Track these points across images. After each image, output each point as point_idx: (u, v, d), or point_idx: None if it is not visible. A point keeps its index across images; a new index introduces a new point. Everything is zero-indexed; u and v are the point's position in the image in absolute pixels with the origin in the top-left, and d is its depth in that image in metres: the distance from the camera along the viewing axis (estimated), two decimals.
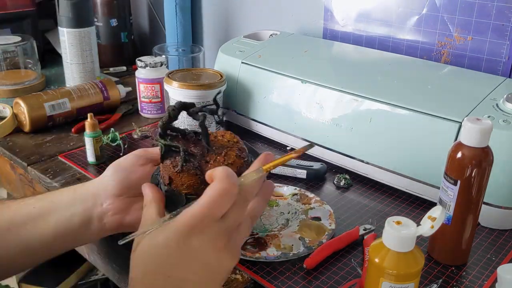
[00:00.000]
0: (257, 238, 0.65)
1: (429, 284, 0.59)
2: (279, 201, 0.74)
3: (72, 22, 1.12)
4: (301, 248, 0.63)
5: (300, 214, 0.71)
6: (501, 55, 0.87)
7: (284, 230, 0.67)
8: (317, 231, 0.67)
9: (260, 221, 0.69)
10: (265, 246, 0.63)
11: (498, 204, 0.68)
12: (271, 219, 0.70)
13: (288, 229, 0.68)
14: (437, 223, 0.50)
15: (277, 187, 0.77)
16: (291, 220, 0.70)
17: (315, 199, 0.75)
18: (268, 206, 0.73)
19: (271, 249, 0.63)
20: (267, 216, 0.70)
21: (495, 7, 0.85)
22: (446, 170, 0.60)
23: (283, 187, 0.78)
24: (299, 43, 1.03)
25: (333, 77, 0.87)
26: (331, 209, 0.72)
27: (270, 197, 0.55)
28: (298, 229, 0.67)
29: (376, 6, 1.01)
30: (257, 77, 0.95)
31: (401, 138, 0.76)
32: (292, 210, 0.72)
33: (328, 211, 0.72)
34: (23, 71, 1.24)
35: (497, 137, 0.61)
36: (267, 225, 0.69)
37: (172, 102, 0.94)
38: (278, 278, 0.60)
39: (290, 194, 0.76)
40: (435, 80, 0.83)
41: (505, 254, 0.65)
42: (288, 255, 0.62)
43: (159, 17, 1.48)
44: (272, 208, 0.73)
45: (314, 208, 0.72)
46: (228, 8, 1.32)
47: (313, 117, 0.86)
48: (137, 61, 1.04)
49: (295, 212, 0.72)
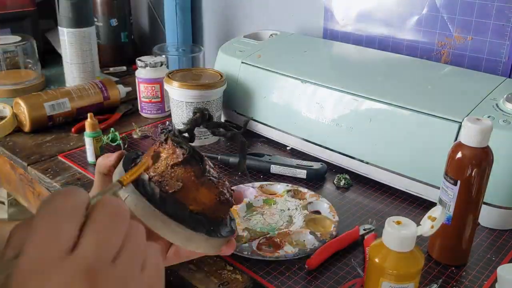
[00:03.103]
0: (269, 237, 0.65)
1: (429, 284, 0.59)
2: (276, 199, 0.75)
3: (72, 22, 1.12)
4: (316, 242, 0.64)
5: (301, 209, 0.71)
6: (501, 55, 0.87)
7: (291, 226, 0.68)
8: (323, 224, 0.69)
9: (265, 221, 0.69)
10: (280, 245, 0.64)
11: (498, 204, 0.68)
12: (274, 217, 0.71)
13: (295, 226, 0.68)
14: (437, 223, 0.50)
15: (269, 185, 0.78)
16: (294, 216, 0.71)
17: (310, 193, 0.75)
18: (267, 205, 0.73)
19: (287, 247, 0.63)
20: (270, 215, 0.71)
21: (495, 7, 0.85)
22: (446, 170, 0.60)
23: (276, 185, 0.78)
24: (299, 43, 1.03)
25: (333, 77, 0.87)
26: (328, 202, 0.73)
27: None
28: (305, 224, 0.68)
29: (376, 6, 1.01)
30: (257, 77, 0.95)
31: (401, 138, 0.76)
32: (292, 207, 0.73)
33: (327, 204, 0.72)
34: (23, 71, 1.24)
35: (497, 137, 0.61)
36: (272, 223, 0.69)
37: (172, 101, 0.94)
38: (278, 278, 0.60)
39: (284, 191, 0.76)
40: (435, 80, 0.83)
41: (505, 254, 0.65)
42: (306, 250, 0.63)
43: (159, 17, 1.48)
44: (271, 206, 0.73)
45: (312, 203, 0.73)
46: (228, 8, 1.32)
47: (313, 117, 0.86)
48: (137, 61, 1.04)
49: (295, 208, 0.72)
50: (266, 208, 0.73)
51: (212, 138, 0.95)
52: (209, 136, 0.94)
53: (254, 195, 0.75)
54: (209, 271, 0.61)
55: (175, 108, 0.93)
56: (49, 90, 1.03)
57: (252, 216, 0.70)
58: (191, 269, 0.61)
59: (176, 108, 0.93)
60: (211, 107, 0.92)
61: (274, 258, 0.61)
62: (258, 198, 0.74)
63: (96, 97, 1.06)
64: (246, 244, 0.63)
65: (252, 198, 0.74)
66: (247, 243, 0.63)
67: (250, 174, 0.84)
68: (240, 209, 0.71)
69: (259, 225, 0.68)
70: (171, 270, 0.61)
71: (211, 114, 0.48)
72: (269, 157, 0.85)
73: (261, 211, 0.72)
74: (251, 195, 0.75)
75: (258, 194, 0.75)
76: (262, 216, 0.71)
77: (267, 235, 0.66)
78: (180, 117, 0.93)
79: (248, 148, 0.94)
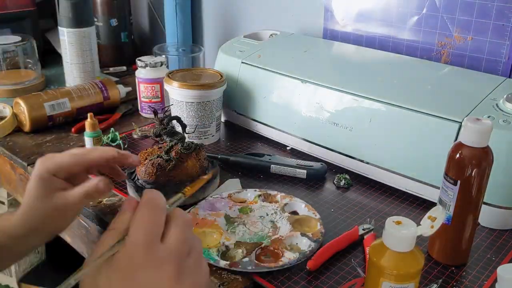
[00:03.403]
0: (264, 247, 0.64)
1: (429, 284, 0.59)
2: (251, 206, 0.73)
3: (72, 22, 1.12)
4: (312, 243, 0.63)
5: (280, 212, 0.71)
6: (501, 55, 0.87)
7: (278, 231, 0.67)
8: (308, 224, 0.68)
9: (250, 230, 0.68)
10: (278, 252, 0.63)
11: (498, 204, 0.68)
12: (257, 225, 0.69)
13: (282, 230, 0.67)
14: (437, 223, 0.50)
15: (237, 193, 0.76)
16: (276, 221, 0.70)
17: (280, 195, 0.75)
18: (244, 214, 0.71)
19: (288, 253, 0.62)
20: (251, 224, 0.69)
21: (495, 7, 0.85)
22: (446, 170, 0.60)
23: (245, 192, 0.76)
24: (299, 43, 1.03)
25: (333, 77, 0.87)
26: (303, 201, 0.73)
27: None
28: (292, 227, 0.67)
29: (376, 6, 1.01)
30: (257, 77, 0.95)
31: (401, 138, 0.76)
32: (269, 211, 0.71)
33: (303, 203, 0.72)
34: (23, 71, 1.24)
35: (497, 137, 0.61)
36: (259, 232, 0.68)
37: (172, 101, 0.94)
38: (278, 278, 0.60)
39: (256, 196, 0.75)
40: (435, 80, 0.83)
41: (505, 254, 0.65)
42: (306, 253, 0.62)
43: (159, 17, 1.48)
44: (249, 214, 0.71)
45: (287, 204, 0.73)
46: (228, 8, 1.32)
47: (313, 117, 0.86)
48: (137, 61, 1.04)
49: (274, 212, 0.71)
50: (244, 217, 0.71)
51: (212, 138, 0.95)
52: (209, 136, 0.94)
53: (228, 206, 0.72)
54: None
55: (175, 108, 0.93)
56: (49, 90, 1.03)
57: (235, 228, 0.68)
58: None
59: (176, 108, 0.93)
60: (211, 107, 0.92)
61: (279, 267, 0.60)
62: (233, 209, 0.72)
63: (96, 97, 1.06)
64: (246, 259, 0.61)
65: (228, 210, 0.72)
66: (247, 258, 0.61)
67: (250, 174, 0.84)
68: (220, 223, 0.69)
69: (246, 236, 0.67)
70: None
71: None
72: (269, 157, 0.85)
73: (241, 221, 0.70)
74: (225, 207, 0.72)
75: (231, 205, 0.73)
76: (244, 226, 0.69)
77: (261, 245, 0.64)
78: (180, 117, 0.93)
79: (248, 148, 0.94)
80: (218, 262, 0.60)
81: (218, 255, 0.62)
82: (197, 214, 0.70)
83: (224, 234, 0.66)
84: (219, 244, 0.64)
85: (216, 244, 0.64)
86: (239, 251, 0.63)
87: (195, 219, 0.69)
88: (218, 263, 0.60)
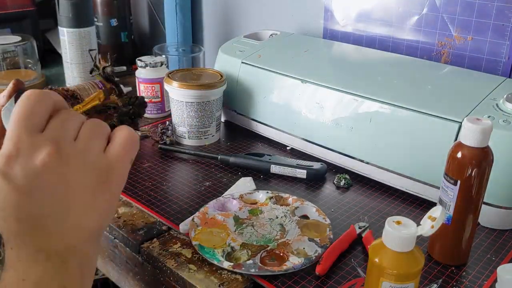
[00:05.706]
0: (270, 250, 0.63)
1: (429, 284, 0.59)
2: (261, 208, 0.72)
3: (72, 22, 1.12)
4: (318, 248, 0.63)
5: (290, 216, 0.70)
6: (501, 55, 0.87)
7: (286, 235, 0.67)
8: (317, 229, 0.67)
9: (258, 232, 0.67)
10: (283, 256, 0.62)
11: (498, 204, 0.68)
12: (266, 227, 0.68)
13: (290, 234, 0.67)
14: (437, 223, 0.50)
15: (249, 194, 0.75)
16: (285, 224, 0.69)
17: (292, 198, 0.74)
18: (254, 216, 0.71)
19: (293, 257, 0.61)
20: (260, 226, 0.69)
21: (495, 7, 0.85)
22: (446, 170, 0.60)
23: (257, 193, 0.76)
24: (299, 43, 1.03)
25: (333, 77, 0.87)
26: (314, 205, 0.72)
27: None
28: (300, 231, 0.67)
29: (376, 6, 1.01)
30: (257, 77, 0.95)
31: (401, 138, 0.76)
32: (280, 214, 0.71)
33: (314, 208, 0.72)
34: (23, 71, 1.24)
35: (497, 137, 0.61)
36: (266, 234, 0.67)
37: (172, 101, 0.94)
38: (278, 278, 0.60)
39: (267, 198, 0.74)
40: (435, 80, 0.83)
41: (505, 254, 0.65)
42: (311, 258, 0.61)
43: (159, 17, 1.48)
44: (259, 216, 0.71)
45: (298, 208, 0.72)
46: (228, 8, 1.32)
47: (313, 117, 0.86)
48: (137, 61, 1.04)
49: (284, 216, 0.70)
50: (253, 218, 0.70)
51: (212, 138, 0.95)
52: (209, 136, 0.94)
53: (238, 207, 0.72)
54: (209, 271, 0.61)
55: (175, 108, 0.93)
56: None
57: (243, 230, 0.68)
58: (191, 269, 0.61)
59: (176, 108, 0.93)
60: (211, 107, 0.92)
61: (283, 271, 0.59)
62: (243, 210, 0.71)
63: None
64: (250, 261, 0.60)
65: (237, 210, 0.71)
66: (251, 260, 0.61)
67: (250, 174, 0.84)
68: (229, 223, 0.68)
69: (253, 238, 0.66)
70: (170, 271, 0.61)
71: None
72: (269, 157, 0.85)
73: (250, 223, 0.69)
74: (235, 207, 0.72)
75: (241, 205, 0.72)
76: (253, 227, 0.68)
77: (267, 248, 0.63)
78: (180, 117, 0.93)
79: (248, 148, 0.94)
80: (222, 263, 0.60)
81: (223, 256, 0.62)
82: (207, 214, 0.70)
83: (231, 234, 0.66)
84: (225, 245, 0.64)
85: (222, 244, 0.64)
86: (244, 253, 0.63)
87: (204, 218, 0.69)
88: (222, 264, 0.60)
